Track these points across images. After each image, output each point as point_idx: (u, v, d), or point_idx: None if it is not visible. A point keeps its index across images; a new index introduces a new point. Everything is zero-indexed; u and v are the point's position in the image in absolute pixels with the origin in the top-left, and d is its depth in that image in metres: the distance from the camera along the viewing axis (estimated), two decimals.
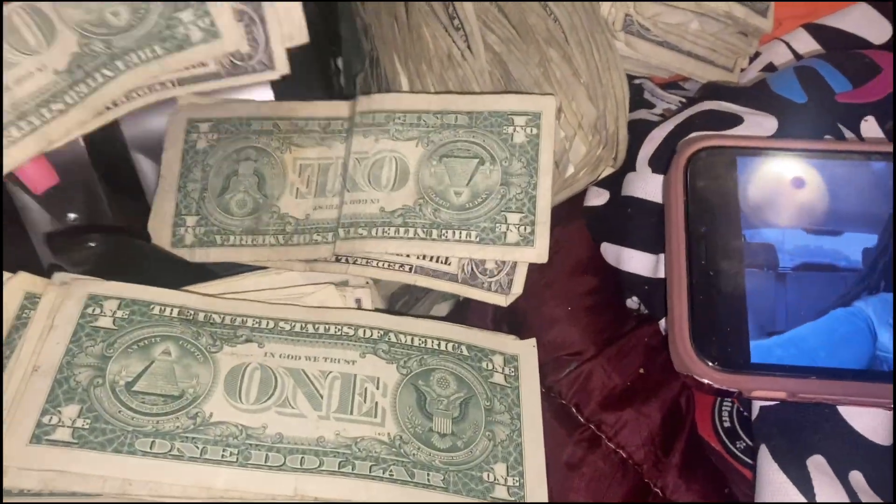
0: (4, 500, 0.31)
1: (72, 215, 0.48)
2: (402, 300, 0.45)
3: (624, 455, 0.37)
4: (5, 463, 0.31)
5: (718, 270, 0.34)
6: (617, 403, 0.39)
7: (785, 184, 0.36)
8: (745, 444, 0.39)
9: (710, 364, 0.32)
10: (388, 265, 0.40)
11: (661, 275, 0.39)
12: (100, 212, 0.48)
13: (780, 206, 0.35)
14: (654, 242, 0.40)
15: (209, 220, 0.45)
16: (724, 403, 0.41)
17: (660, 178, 0.41)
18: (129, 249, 0.41)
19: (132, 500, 0.31)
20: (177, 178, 0.47)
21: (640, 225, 0.41)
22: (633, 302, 0.45)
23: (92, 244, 0.39)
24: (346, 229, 0.41)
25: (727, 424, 0.40)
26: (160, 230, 0.46)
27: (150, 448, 0.32)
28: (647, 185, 0.41)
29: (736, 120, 0.40)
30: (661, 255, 0.39)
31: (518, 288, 0.38)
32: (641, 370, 0.40)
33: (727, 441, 0.40)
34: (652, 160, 0.42)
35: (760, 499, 0.33)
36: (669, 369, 0.39)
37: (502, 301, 0.38)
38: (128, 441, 0.32)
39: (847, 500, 0.31)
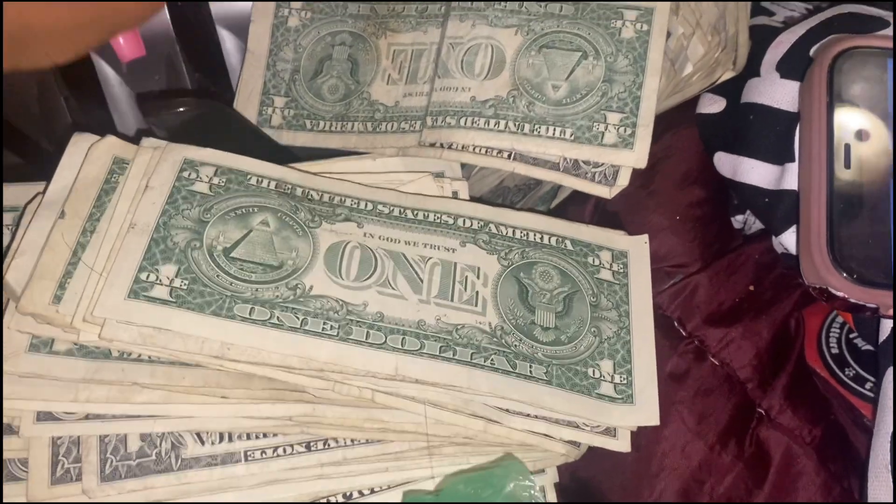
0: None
1: (155, 89, 0.48)
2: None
3: (729, 371, 0.37)
4: (102, 314, 0.31)
5: (863, 179, 0.33)
6: (723, 320, 0.38)
7: None
8: (854, 372, 0.39)
9: (848, 276, 0.31)
10: (486, 151, 0.39)
11: (786, 186, 0.38)
12: (182, 88, 0.48)
13: None
14: (778, 153, 0.38)
15: (299, 104, 0.45)
16: (833, 329, 0.41)
17: (789, 83, 0.39)
18: (220, 118, 0.41)
19: (231, 365, 0.31)
20: (266, 55, 0.46)
21: (764, 134, 0.39)
22: (737, 221, 0.44)
23: (182, 108, 0.39)
24: (434, 118, 0.41)
25: (835, 351, 0.40)
26: (245, 108, 0.45)
27: (250, 314, 0.32)
28: (774, 91, 0.40)
29: (880, 23, 0.38)
30: (787, 166, 0.38)
31: (624, 180, 0.37)
32: (751, 287, 0.39)
33: (835, 367, 0.39)
34: (780, 65, 0.40)
35: (884, 425, 0.32)
36: (781, 288, 0.39)
37: (606, 193, 0.37)
38: (226, 305, 0.32)
39: None
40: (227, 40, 0.49)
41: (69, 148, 0.36)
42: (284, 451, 0.33)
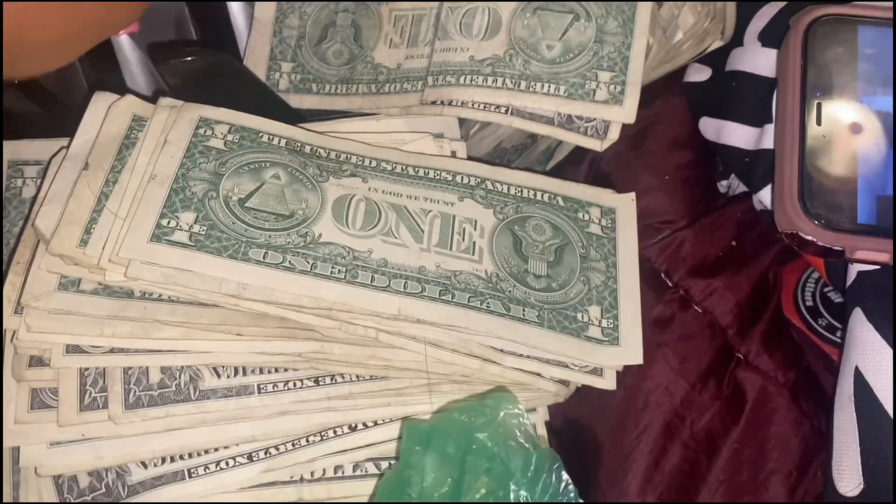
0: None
1: None
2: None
3: (711, 319, 0.40)
4: (127, 255, 0.33)
5: (831, 134, 0.36)
6: (707, 271, 0.41)
7: None
8: (826, 322, 0.42)
9: (817, 222, 0.34)
10: (485, 106, 0.42)
11: (764, 146, 0.40)
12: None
13: None
14: (758, 116, 0.41)
15: (305, 68, 0.47)
16: (808, 284, 0.43)
17: (770, 51, 0.42)
18: (228, 70, 0.43)
19: (246, 304, 0.34)
20: (272, 22, 0.49)
21: (746, 98, 0.42)
22: (722, 186, 0.46)
23: (191, 57, 0.41)
24: (435, 77, 0.43)
25: (809, 303, 0.43)
26: (254, 72, 0.48)
27: (263, 258, 0.35)
28: (755, 59, 0.42)
29: None
30: (766, 127, 0.41)
31: (614, 134, 0.40)
32: (734, 242, 0.42)
33: (809, 318, 0.42)
34: (762, 34, 0.43)
35: (850, 361, 0.35)
36: (761, 244, 0.42)
37: (598, 146, 0.40)
38: (242, 249, 0.35)
39: None
40: (234, 4, 0.51)
41: (91, 105, 0.39)
42: (294, 384, 0.35)
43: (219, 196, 0.36)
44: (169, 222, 0.35)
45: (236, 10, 0.51)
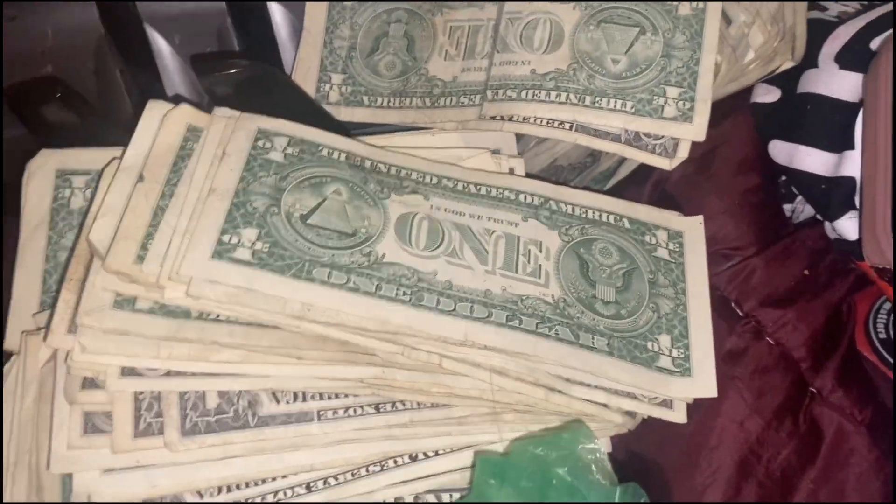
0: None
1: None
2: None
3: (784, 351, 0.39)
4: (189, 273, 0.32)
5: None
6: (779, 302, 0.40)
7: None
8: None
9: None
10: (548, 122, 0.41)
11: (844, 173, 0.39)
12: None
13: None
14: (837, 141, 0.40)
15: (356, 80, 0.47)
16: (880, 315, 0.42)
17: (849, 74, 0.41)
18: (272, 83, 0.42)
19: (310, 326, 0.33)
20: (322, 33, 0.48)
21: (823, 122, 0.41)
22: (786, 209, 0.45)
23: (236, 70, 0.41)
24: (494, 91, 0.43)
25: (882, 336, 0.41)
26: (303, 85, 0.47)
27: (328, 278, 0.34)
28: (832, 82, 0.41)
29: None
30: (846, 153, 0.40)
31: (684, 152, 0.39)
32: (806, 272, 0.41)
33: (883, 351, 0.41)
34: (839, 56, 0.42)
35: None
36: (834, 273, 0.41)
37: (667, 164, 0.39)
38: (306, 268, 0.34)
39: None
40: (277, 13, 0.50)
41: (145, 114, 0.38)
42: (355, 411, 0.34)
43: (280, 212, 0.35)
44: (231, 238, 0.34)
45: (279, 20, 0.50)
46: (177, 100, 0.40)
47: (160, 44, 0.50)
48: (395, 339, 0.34)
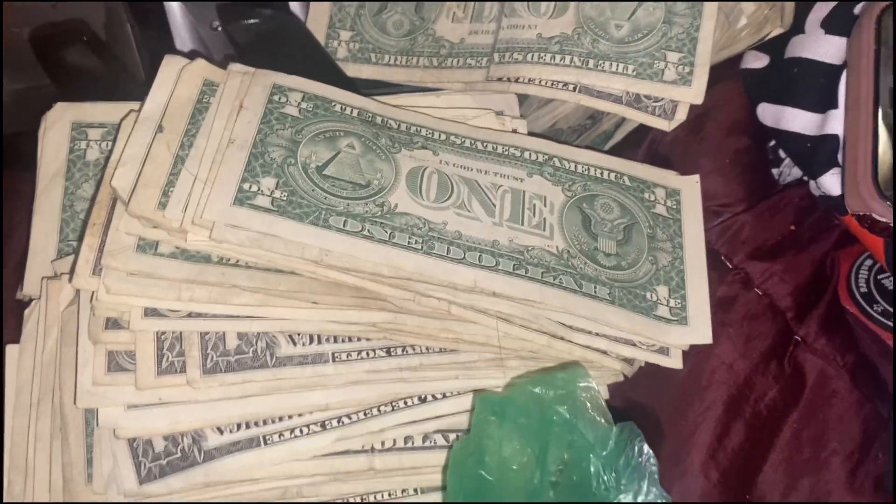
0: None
1: (215, 22, 0.50)
2: None
3: (771, 301, 0.40)
4: (211, 218, 0.33)
5: None
6: (767, 255, 0.41)
7: None
8: (881, 308, 0.42)
9: (890, 203, 0.35)
10: (553, 84, 0.42)
11: (828, 131, 0.41)
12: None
13: None
14: (821, 102, 0.42)
15: (364, 37, 0.47)
16: (861, 271, 0.44)
17: (834, 39, 0.42)
18: (294, 36, 0.43)
19: (327, 271, 0.34)
20: None
21: (808, 85, 0.42)
22: (773, 173, 0.47)
23: (260, 20, 0.41)
24: (502, 54, 0.43)
25: (864, 290, 0.43)
26: None
27: (344, 226, 0.35)
28: (819, 47, 0.42)
29: None
30: (829, 113, 0.41)
31: (682, 114, 0.40)
32: (793, 227, 0.42)
33: (864, 304, 0.43)
34: (825, 22, 0.43)
35: None
36: (820, 229, 0.42)
37: (665, 126, 0.40)
38: (323, 216, 0.34)
39: None
40: None
41: (162, 69, 0.38)
42: (368, 354, 0.35)
43: (297, 163, 0.36)
44: (251, 186, 0.34)
45: None
46: (192, 55, 0.41)
47: (172, 5, 0.50)
48: (407, 285, 0.35)
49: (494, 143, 0.40)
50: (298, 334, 0.35)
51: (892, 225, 0.34)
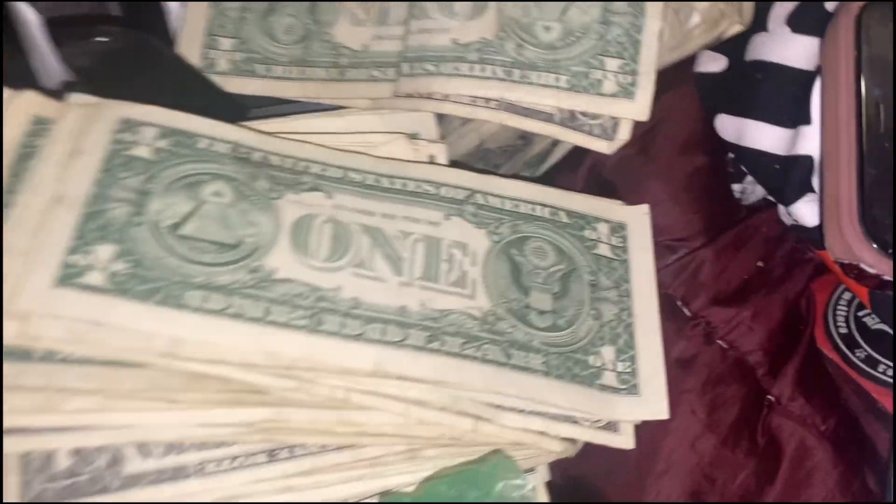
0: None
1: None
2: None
3: (738, 355, 0.34)
4: (27, 305, 0.25)
5: (895, 141, 0.30)
6: (732, 299, 0.35)
7: None
8: (865, 353, 0.36)
9: (883, 251, 0.28)
10: (472, 100, 0.35)
11: (800, 152, 0.34)
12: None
13: None
14: (791, 115, 0.35)
15: (249, 46, 0.39)
16: (840, 306, 0.38)
17: (803, 39, 0.36)
18: (149, 55, 0.35)
19: (181, 364, 0.26)
20: None
21: (773, 94, 0.36)
22: (734, 190, 0.40)
23: (103, 38, 0.33)
24: (411, 64, 0.36)
25: (843, 330, 0.37)
26: (188, 51, 0.40)
27: (204, 303, 0.27)
28: (786, 49, 0.36)
29: None
30: (802, 129, 0.34)
31: (625, 133, 0.34)
32: (760, 263, 0.36)
33: (845, 349, 0.36)
34: (792, 19, 0.36)
35: None
36: (792, 263, 0.36)
37: (605, 147, 0.34)
38: (175, 293, 0.27)
39: None
40: None
41: None
42: (244, 461, 0.28)
43: (145, 222, 0.28)
44: (81, 259, 0.27)
45: None
46: (26, 83, 0.33)
47: (24, 11, 0.42)
48: (290, 373, 0.27)
49: (404, 178, 0.33)
50: (153, 444, 0.27)
51: (885, 278, 0.28)
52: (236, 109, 0.38)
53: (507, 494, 0.29)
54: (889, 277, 0.29)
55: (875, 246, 0.28)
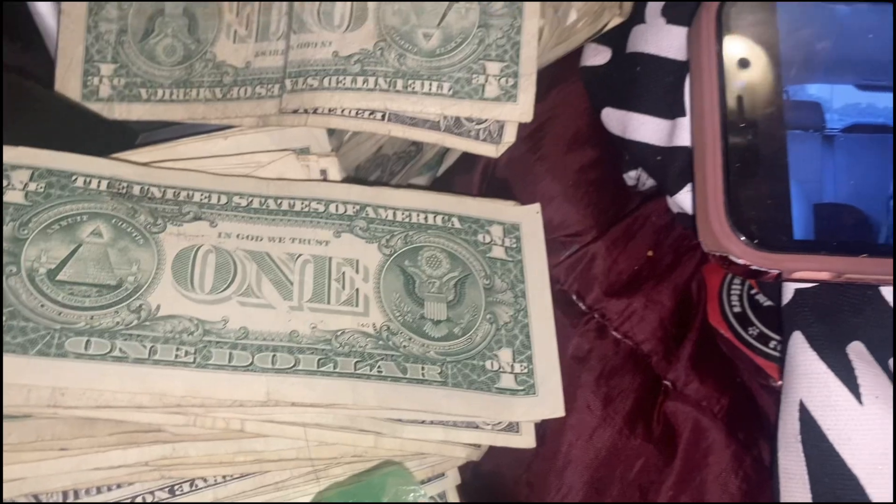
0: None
1: None
2: (374, 175, 0.40)
3: (632, 345, 0.35)
4: None
5: (757, 133, 0.30)
6: (624, 290, 0.36)
7: (833, 32, 0.32)
8: (757, 331, 0.37)
9: (749, 242, 0.29)
10: (357, 113, 0.34)
11: (679, 143, 0.35)
12: None
13: (828, 58, 0.32)
14: (668, 106, 0.35)
15: (130, 70, 0.38)
16: (734, 287, 0.39)
17: (677, 29, 0.36)
18: (23, 95, 0.34)
19: (67, 413, 0.26)
20: (85, 16, 0.40)
21: (653, 86, 0.36)
22: (630, 178, 0.41)
23: None
24: (294, 80, 0.36)
25: (737, 309, 0.38)
26: (68, 80, 0.39)
27: (85, 349, 0.27)
28: (660, 39, 0.36)
29: None
30: (678, 121, 0.35)
31: (510, 136, 0.34)
32: (650, 253, 0.37)
33: (738, 327, 0.37)
34: (666, 9, 0.37)
35: (792, 393, 0.30)
36: (681, 250, 0.37)
37: (492, 151, 0.34)
38: (56, 342, 0.27)
39: (891, 389, 0.29)
40: (40, 5, 0.41)
41: None
42: (143, 500, 0.28)
43: (20, 271, 0.28)
44: None
45: (44, 10, 0.41)
46: None
47: None
48: (182, 410, 0.27)
49: (291, 197, 0.33)
50: (46, 493, 0.27)
51: (753, 267, 0.29)
52: (122, 138, 0.37)
53: (401, 501, 0.29)
54: (762, 268, 0.29)
55: (743, 238, 0.29)
